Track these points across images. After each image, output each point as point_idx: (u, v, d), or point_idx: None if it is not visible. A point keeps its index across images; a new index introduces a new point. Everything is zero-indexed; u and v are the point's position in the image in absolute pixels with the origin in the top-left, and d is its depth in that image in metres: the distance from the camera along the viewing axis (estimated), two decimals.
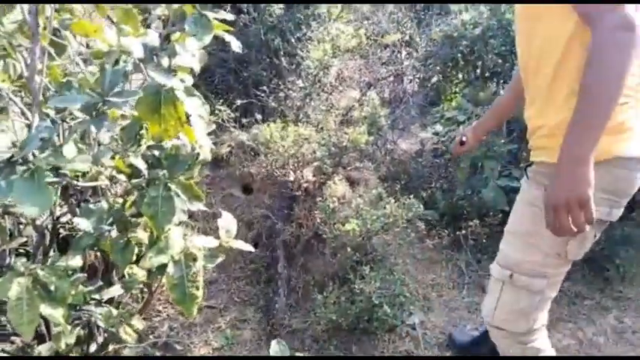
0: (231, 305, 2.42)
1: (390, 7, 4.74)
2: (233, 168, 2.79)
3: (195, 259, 1.42)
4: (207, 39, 1.08)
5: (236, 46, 1.21)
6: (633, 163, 1.22)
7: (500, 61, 3.35)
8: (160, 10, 1.03)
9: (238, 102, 2.77)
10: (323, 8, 3.14)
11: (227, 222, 1.60)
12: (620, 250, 2.63)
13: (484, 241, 3.05)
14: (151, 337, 2.21)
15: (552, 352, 1.49)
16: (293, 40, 2.96)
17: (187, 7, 1.07)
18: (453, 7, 3.98)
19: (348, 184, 2.92)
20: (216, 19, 1.11)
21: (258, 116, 2.58)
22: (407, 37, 4.72)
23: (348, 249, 2.20)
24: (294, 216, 2.51)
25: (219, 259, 1.53)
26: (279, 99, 2.99)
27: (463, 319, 2.45)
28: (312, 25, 3.03)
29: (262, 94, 2.85)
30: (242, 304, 2.44)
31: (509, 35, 3.24)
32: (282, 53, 2.90)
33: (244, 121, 2.78)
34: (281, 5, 2.73)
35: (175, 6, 1.06)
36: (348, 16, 3.91)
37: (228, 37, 1.20)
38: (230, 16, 1.14)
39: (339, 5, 3.68)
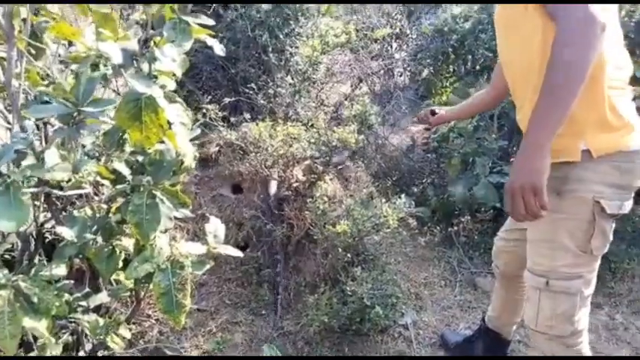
0: (222, 308, 2.39)
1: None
2: (222, 167, 2.75)
3: (182, 267, 1.39)
4: (187, 45, 1.04)
5: (219, 49, 1.18)
6: (635, 155, 1.24)
7: (490, 55, 3.32)
8: (138, 14, 0.99)
9: (226, 100, 2.72)
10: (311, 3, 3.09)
11: (215, 227, 1.56)
12: (611, 246, 2.62)
13: (476, 237, 3.05)
14: (140, 341, 2.17)
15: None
16: (281, 36, 2.91)
17: (167, 12, 1.03)
18: None
19: (340, 182, 2.89)
20: (198, 24, 1.07)
21: (247, 115, 2.53)
22: (397, 31, 4.69)
23: (340, 250, 2.18)
24: (284, 216, 2.48)
25: (208, 266, 1.49)
26: (269, 96, 2.94)
27: (456, 317, 2.44)
28: (300, 20, 2.98)
29: (251, 92, 2.80)
30: (233, 306, 2.41)
31: None
32: (270, 49, 2.85)
33: (233, 119, 2.73)
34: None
35: (154, 10, 1.02)
36: (338, 10, 3.86)
37: (210, 41, 1.16)
38: (211, 21, 1.09)
39: None
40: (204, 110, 2.54)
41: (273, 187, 2.54)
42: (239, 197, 2.74)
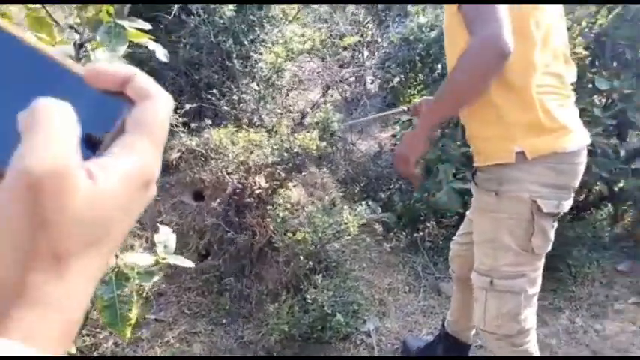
0: (181, 318, 2.34)
1: (352, 7, 4.74)
2: (183, 174, 2.70)
3: (127, 279, 1.35)
4: (122, 49, 1.01)
5: (162, 54, 1.15)
6: (571, 157, 1.29)
7: None
8: (73, 18, 0.95)
9: (188, 106, 2.68)
10: (277, 10, 3.08)
11: (165, 236, 1.52)
12: (572, 250, 2.68)
13: (440, 242, 3.06)
14: (95, 353, 2.11)
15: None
16: (246, 43, 2.89)
17: (104, 16, 1.00)
18: (411, 8, 3.99)
19: (304, 188, 2.87)
20: (136, 28, 1.04)
21: (208, 121, 2.50)
22: (367, 39, 4.72)
23: (301, 257, 2.15)
24: (246, 223, 2.44)
25: (157, 277, 1.45)
26: (233, 102, 2.91)
27: (419, 323, 2.44)
28: (265, 27, 2.97)
29: (213, 98, 2.77)
30: (192, 316, 2.36)
31: None
32: (234, 55, 2.83)
33: (196, 125, 2.69)
34: (231, 6, 2.66)
35: (90, 13, 0.99)
36: (306, 18, 3.86)
37: (152, 46, 1.12)
38: (148, 26, 1.07)
39: (295, 7, 3.63)
40: None
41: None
42: (200, 204, 2.69)
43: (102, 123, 0.30)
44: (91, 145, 0.29)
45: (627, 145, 2.83)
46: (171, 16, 2.64)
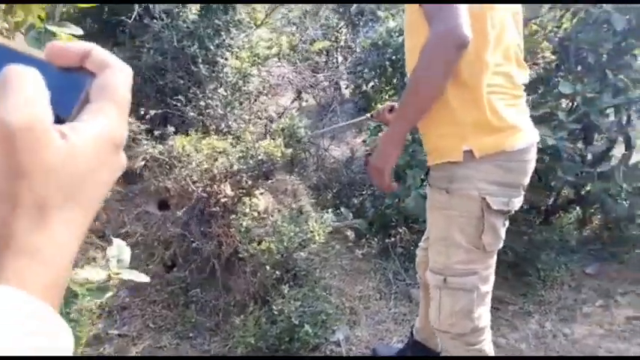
0: (146, 332, 2.26)
1: (325, 11, 4.72)
2: (148, 183, 2.62)
3: (76, 296, 1.27)
4: None
5: None
6: (520, 155, 1.31)
7: None
8: (0, 23, 0.89)
9: (152, 112, 2.61)
10: (243, 14, 3.03)
11: (119, 250, 1.45)
12: (540, 253, 2.68)
13: (412, 248, 3.04)
14: None
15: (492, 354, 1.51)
16: (212, 47, 2.83)
17: (35, 21, 0.94)
18: (381, 13, 3.99)
19: (273, 196, 2.82)
20: (70, 34, 0.98)
21: (171, 128, 2.42)
22: (341, 44, 4.70)
23: (268, 267, 2.10)
24: (212, 233, 2.38)
25: (110, 293, 1.38)
26: (200, 108, 2.85)
27: (389, 331, 2.41)
28: (232, 31, 2.91)
29: (179, 104, 2.70)
30: (157, 330, 2.28)
31: None
32: (200, 60, 2.76)
33: (158, 132, 2.61)
34: (195, 10, 2.60)
35: (19, 18, 0.93)
36: (275, 23, 3.82)
37: None
38: (79, 31, 1.01)
39: (264, 10, 3.59)
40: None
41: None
42: (166, 214, 2.62)
43: (67, 98, 0.31)
44: (59, 121, 0.30)
45: (593, 148, 2.86)
46: (132, 19, 2.56)
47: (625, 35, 2.61)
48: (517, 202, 1.36)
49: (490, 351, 1.46)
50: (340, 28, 4.73)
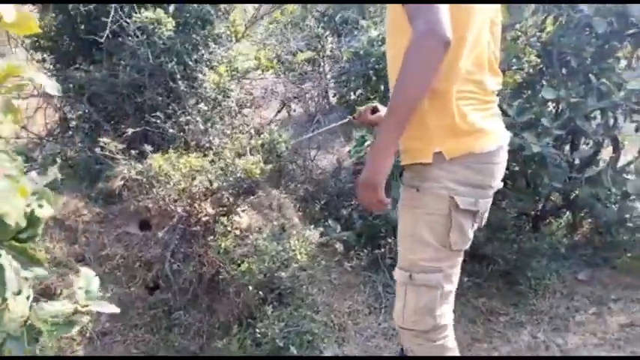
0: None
1: (311, 20, 4.68)
2: (127, 203, 2.56)
3: (40, 333, 1.21)
4: None
5: (52, 88, 1.03)
6: (487, 157, 1.34)
7: None
8: None
9: (130, 131, 2.55)
10: (223, 28, 2.98)
11: (87, 280, 1.39)
12: (531, 261, 2.64)
13: None
14: None
15: (457, 353, 1.51)
16: (190, 63, 2.77)
17: None
18: (364, 22, 3.95)
19: (258, 211, 2.76)
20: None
21: (148, 147, 2.36)
22: (327, 53, 4.67)
23: (250, 288, 2.04)
24: (194, 253, 2.32)
25: (77, 327, 1.32)
26: (180, 124, 2.79)
27: (379, 347, 2.35)
28: (210, 46, 2.87)
29: (157, 121, 2.64)
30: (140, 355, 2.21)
31: None
32: (178, 76, 2.71)
33: (137, 152, 2.54)
34: (170, 27, 2.55)
35: None
36: (255, 35, 3.78)
37: (41, 79, 1.00)
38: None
39: (243, 24, 3.55)
40: (101, 143, 2.36)
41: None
42: (147, 234, 2.55)
43: None
44: None
45: (580, 153, 2.83)
46: (104, 38, 2.51)
47: (607, 38, 2.59)
48: (484, 203, 1.39)
49: (453, 347, 1.48)
50: (326, 37, 4.70)
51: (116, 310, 1.43)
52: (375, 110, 1.94)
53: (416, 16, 1.15)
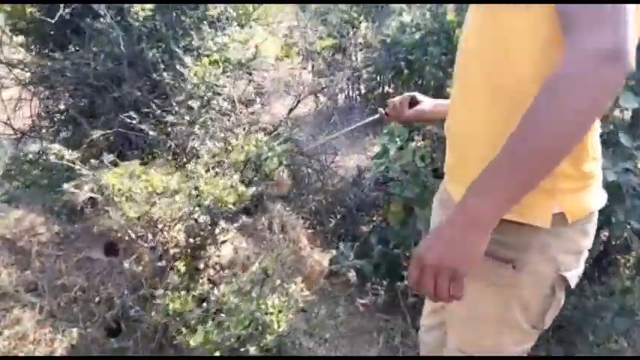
0: None
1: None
2: (91, 221, 2.11)
3: None
4: None
5: None
6: (595, 215, 1.03)
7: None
8: None
9: (98, 133, 2.09)
10: (220, 9, 2.46)
11: None
12: (593, 319, 2.05)
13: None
14: None
15: None
16: (178, 50, 2.28)
17: None
18: (394, 5, 3.37)
19: (252, 237, 2.28)
20: None
21: (110, 156, 1.88)
22: (358, 40, 4.10)
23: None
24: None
25: None
26: (164, 125, 2.32)
27: None
28: (204, 30, 2.37)
29: (132, 122, 2.17)
30: None
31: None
32: (162, 67, 2.23)
33: (110, 158, 2.08)
34: (148, 7, 2.05)
35: None
36: (267, 19, 3.27)
37: None
38: None
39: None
40: (54, 150, 1.90)
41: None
42: (113, 261, 2.09)
43: None
44: None
45: None
46: (55, 19, 2.04)
47: None
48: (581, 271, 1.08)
49: None
50: (359, 22, 4.10)
51: None
52: (413, 102, 1.46)
53: (587, 23, 0.72)
